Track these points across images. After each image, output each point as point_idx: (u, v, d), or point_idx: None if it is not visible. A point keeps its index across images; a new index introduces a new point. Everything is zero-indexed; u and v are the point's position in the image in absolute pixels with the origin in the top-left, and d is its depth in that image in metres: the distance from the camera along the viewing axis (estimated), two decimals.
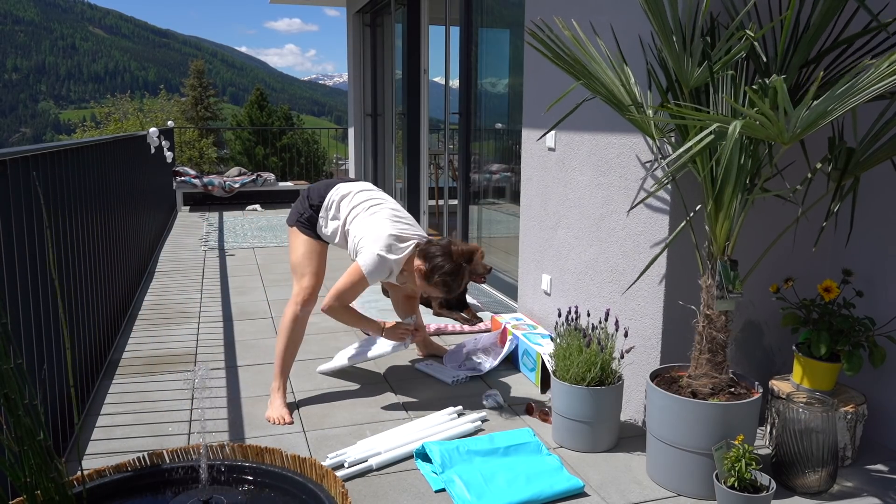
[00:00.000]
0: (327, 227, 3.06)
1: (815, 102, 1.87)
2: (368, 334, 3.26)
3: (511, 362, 3.50)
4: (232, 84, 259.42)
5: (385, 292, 4.66)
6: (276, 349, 3.02)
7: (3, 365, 1.40)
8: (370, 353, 3.14)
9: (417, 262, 2.86)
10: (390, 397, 3.10)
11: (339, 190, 3.07)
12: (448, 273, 2.79)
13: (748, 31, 2.09)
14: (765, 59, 2.23)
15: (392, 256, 2.86)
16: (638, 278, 2.67)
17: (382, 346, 3.10)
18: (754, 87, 2.10)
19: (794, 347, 2.57)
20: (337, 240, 3.07)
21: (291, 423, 2.85)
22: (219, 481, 1.89)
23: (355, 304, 4.43)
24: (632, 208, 2.77)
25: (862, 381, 2.66)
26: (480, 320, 4.15)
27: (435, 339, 3.93)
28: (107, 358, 3.53)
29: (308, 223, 3.07)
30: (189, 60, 50.61)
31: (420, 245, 2.90)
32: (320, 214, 3.06)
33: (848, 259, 2.74)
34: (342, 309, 2.89)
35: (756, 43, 2.25)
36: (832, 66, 2.31)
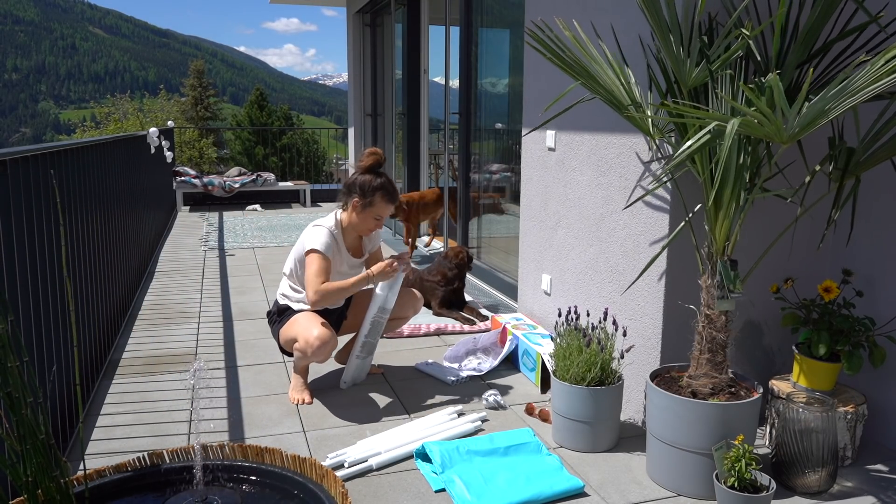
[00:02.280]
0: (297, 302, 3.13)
1: (812, 101, 1.87)
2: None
3: (511, 362, 3.50)
4: (232, 84, 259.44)
5: None
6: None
7: (8, 363, 1.40)
8: (372, 314, 3.02)
9: (353, 202, 3.00)
10: (390, 397, 3.10)
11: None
12: (369, 181, 2.97)
13: (744, 31, 2.10)
14: (758, 58, 2.24)
15: (325, 222, 3.03)
16: (637, 278, 2.67)
17: (376, 301, 3.02)
18: (751, 85, 2.10)
19: (794, 347, 2.57)
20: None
21: (310, 403, 3.00)
22: (218, 481, 1.89)
23: None
24: (627, 206, 2.77)
25: (862, 381, 2.67)
26: (486, 318, 4.15)
27: (435, 338, 3.93)
28: (107, 358, 3.54)
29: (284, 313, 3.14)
30: (189, 60, 50.63)
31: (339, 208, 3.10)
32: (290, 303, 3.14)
33: (848, 259, 2.74)
34: (325, 292, 2.89)
35: (753, 42, 2.25)
36: (832, 66, 2.31)
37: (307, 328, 2.90)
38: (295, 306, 3.09)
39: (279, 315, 3.13)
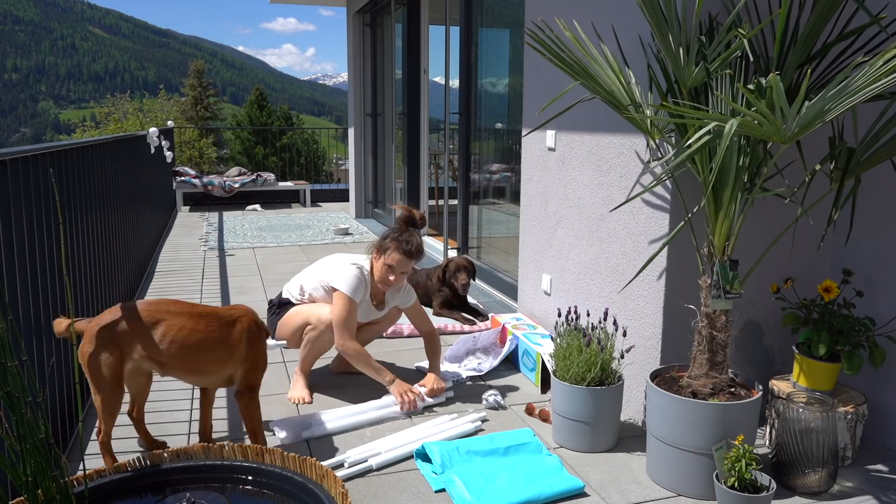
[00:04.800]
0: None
1: (811, 102, 1.87)
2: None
3: (511, 362, 3.50)
4: (232, 84, 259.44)
5: None
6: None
7: (7, 362, 1.40)
8: (362, 418, 2.84)
9: (375, 249, 3.02)
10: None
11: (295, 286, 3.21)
12: (395, 231, 2.98)
13: (740, 31, 2.10)
14: (754, 58, 2.23)
15: (361, 263, 3.04)
16: (636, 276, 2.67)
17: (378, 411, 2.88)
18: (751, 86, 2.11)
19: (794, 347, 2.57)
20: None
21: (310, 402, 3.01)
22: (218, 481, 1.89)
23: None
24: (621, 204, 2.77)
25: (862, 381, 2.67)
26: (486, 318, 4.15)
27: None
28: None
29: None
30: (189, 60, 50.68)
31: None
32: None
33: (848, 259, 2.74)
34: (351, 351, 2.91)
35: (753, 42, 2.25)
36: (832, 66, 2.31)
37: (318, 307, 2.98)
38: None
39: (279, 307, 3.15)
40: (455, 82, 5.45)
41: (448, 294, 4.32)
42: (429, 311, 4.31)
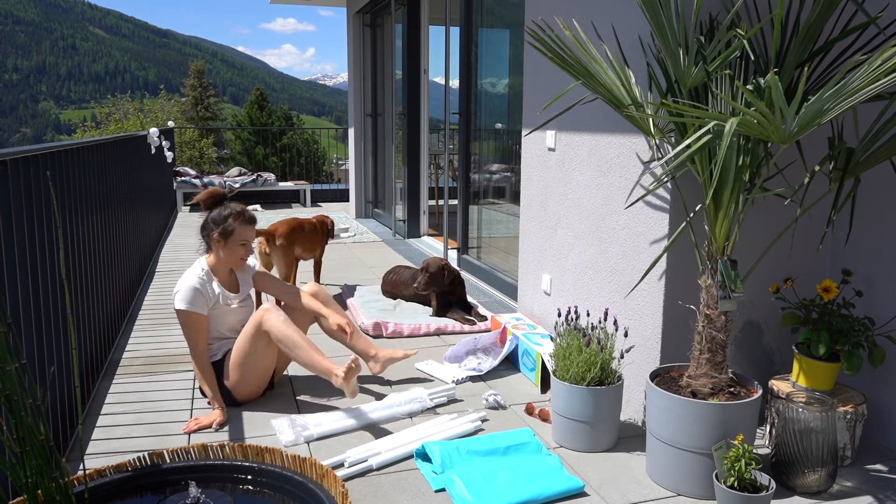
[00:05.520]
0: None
1: (810, 102, 1.87)
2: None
3: (511, 362, 3.50)
4: (232, 84, 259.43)
5: (390, 295, 4.66)
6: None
7: (6, 365, 1.40)
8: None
9: (215, 239, 2.96)
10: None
11: None
12: (221, 215, 2.98)
13: (738, 31, 2.10)
14: (753, 58, 2.24)
15: (190, 273, 2.92)
16: (640, 280, 2.67)
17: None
18: (750, 86, 2.11)
19: (793, 347, 2.57)
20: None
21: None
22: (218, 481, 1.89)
23: (357, 303, 4.43)
24: (629, 205, 2.77)
25: (862, 381, 2.67)
26: (485, 318, 4.15)
27: (435, 338, 3.93)
28: (107, 358, 3.54)
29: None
30: (189, 60, 50.73)
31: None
32: None
33: (848, 259, 2.74)
34: (200, 366, 2.86)
35: (752, 42, 2.25)
36: (833, 65, 2.31)
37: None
38: (219, 354, 2.99)
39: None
40: (455, 82, 5.46)
41: (445, 295, 4.30)
42: (428, 311, 4.30)
